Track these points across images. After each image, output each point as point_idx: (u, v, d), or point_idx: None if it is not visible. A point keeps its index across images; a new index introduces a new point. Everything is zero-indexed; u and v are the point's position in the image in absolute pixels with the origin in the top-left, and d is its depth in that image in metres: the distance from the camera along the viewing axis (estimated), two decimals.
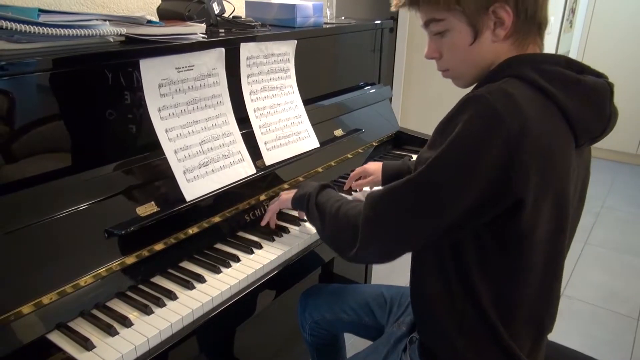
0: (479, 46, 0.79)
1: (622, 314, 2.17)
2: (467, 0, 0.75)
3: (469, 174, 0.70)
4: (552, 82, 0.74)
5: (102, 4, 1.29)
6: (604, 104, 0.79)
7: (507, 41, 0.79)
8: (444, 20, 0.78)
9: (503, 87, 0.72)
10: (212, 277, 0.98)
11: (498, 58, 0.79)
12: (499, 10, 0.75)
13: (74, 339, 0.80)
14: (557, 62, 0.77)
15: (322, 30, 1.50)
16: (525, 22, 0.77)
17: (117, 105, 0.98)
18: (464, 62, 0.82)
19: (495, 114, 0.68)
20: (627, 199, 3.34)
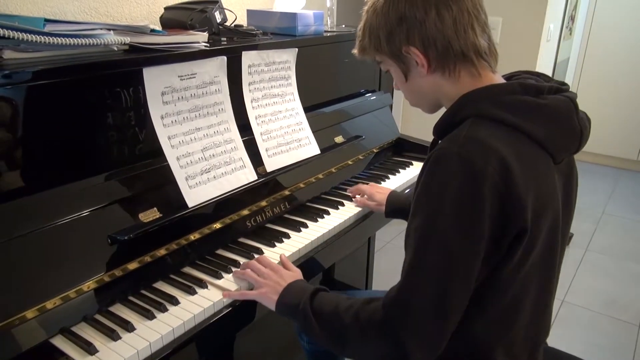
0: (413, 82, 0.85)
1: (623, 320, 2.17)
2: (383, 47, 0.83)
3: (472, 230, 0.70)
4: (512, 112, 0.75)
5: (106, 13, 1.31)
6: (571, 121, 0.78)
7: (435, 75, 0.82)
8: (382, 62, 0.88)
9: (469, 134, 0.73)
10: (214, 282, 0.99)
11: (438, 89, 0.83)
12: (410, 52, 0.80)
13: (77, 343, 0.81)
14: (512, 90, 0.77)
15: (323, 38, 1.52)
16: (440, 56, 0.79)
17: (120, 113, 1.00)
18: (411, 94, 0.89)
19: (473, 167, 0.69)
20: (628, 205, 3.34)
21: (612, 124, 3.72)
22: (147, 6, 1.40)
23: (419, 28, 0.77)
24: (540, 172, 0.75)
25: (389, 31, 0.80)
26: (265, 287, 0.94)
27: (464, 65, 0.80)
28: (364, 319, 0.78)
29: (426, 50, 0.79)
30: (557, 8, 2.79)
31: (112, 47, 1.00)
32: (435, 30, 0.77)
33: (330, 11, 1.77)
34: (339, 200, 1.36)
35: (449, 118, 0.81)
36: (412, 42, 0.79)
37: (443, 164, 0.72)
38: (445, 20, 0.76)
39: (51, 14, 1.19)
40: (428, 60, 0.80)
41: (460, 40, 0.78)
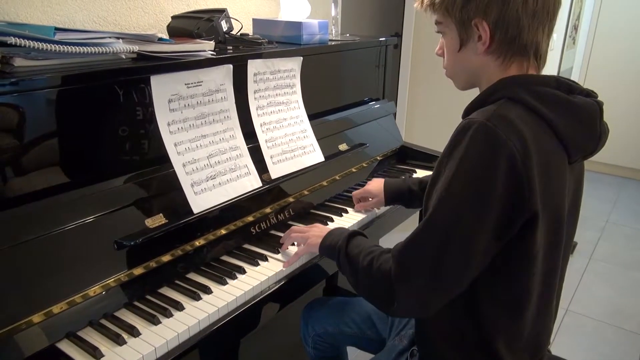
0: (465, 54, 0.84)
1: (628, 329, 2.16)
2: (455, 10, 0.81)
3: (484, 201, 0.72)
4: (543, 102, 0.77)
5: (114, 21, 1.33)
6: (594, 123, 0.81)
7: (489, 56, 0.82)
8: (442, 23, 0.86)
9: (499, 111, 0.74)
10: (218, 288, 0.99)
11: (484, 71, 0.84)
12: (479, 25, 0.79)
13: (83, 347, 0.82)
14: (547, 83, 0.79)
15: (327, 47, 1.53)
16: (505, 41, 0.79)
17: (128, 120, 1.01)
18: (455, 66, 0.88)
19: (496, 139, 0.71)
20: (632, 214, 3.33)
21: (616, 133, 3.69)
22: (154, 15, 1.42)
23: (501, 6, 0.77)
24: (554, 166, 0.76)
25: None
26: (311, 236, 1.06)
27: (518, 58, 0.81)
28: (375, 265, 0.84)
29: (495, 30, 0.78)
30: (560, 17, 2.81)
31: (120, 56, 1.02)
32: (515, 15, 0.77)
33: (334, 20, 1.79)
34: (342, 208, 1.37)
35: (483, 98, 0.82)
36: (488, 16, 0.78)
37: (469, 131, 0.73)
38: (528, 9, 0.76)
39: (60, 22, 1.21)
40: (492, 40, 0.79)
41: (530, 35, 0.78)
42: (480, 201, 0.72)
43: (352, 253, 0.92)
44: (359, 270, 0.88)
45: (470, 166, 0.72)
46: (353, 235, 0.97)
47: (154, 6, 1.41)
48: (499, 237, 0.74)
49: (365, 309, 1.23)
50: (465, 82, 0.90)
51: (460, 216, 0.73)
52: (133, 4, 1.36)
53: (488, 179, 0.71)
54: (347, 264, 0.92)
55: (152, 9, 1.41)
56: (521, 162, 0.70)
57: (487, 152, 0.71)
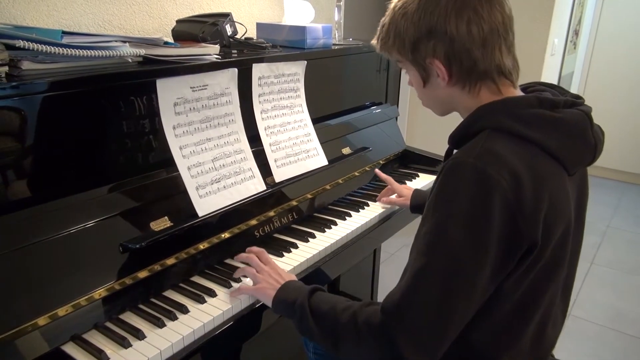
0: (431, 89, 0.86)
1: (630, 334, 2.16)
2: (407, 52, 0.83)
3: (481, 242, 0.71)
4: (529, 125, 0.75)
5: (119, 25, 1.33)
6: (586, 134, 0.79)
7: (454, 87, 0.82)
8: (402, 62, 0.88)
9: (485, 146, 0.73)
10: (222, 292, 0.99)
11: (455, 100, 0.84)
12: (432, 64, 0.80)
13: (89, 350, 0.82)
14: (529, 104, 0.77)
15: (331, 51, 1.54)
16: (463, 72, 0.79)
17: (134, 123, 1.01)
18: (426, 98, 0.90)
19: (487, 177, 0.70)
20: (634, 219, 3.33)
21: (617, 138, 3.73)
22: (159, 19, 1.43)
23: (448, 43, 0.77)
24: (553, 185, 0.75)
25: (415, 40, 0.80)
26: (264, 282, 0.96)
27: (485, 83, 0.80)
28: (361, 320, 0.78)
29: (450, 65, 0.79)
30: (561, 22, 2.82)
31: (126, 59, 1.02)
32: (463, 48, 0.77)
33: (338, 24, 1.79)
34: (346, 211, 1.37)
35: (465, 129, 0.81)
36: (438, 55, 0.79)
37: (458, 173, 0.73)
38: (475, 39, 0.76)
39: (66, 26, 1.21)
40: (450, 75, 0.80)
41: (486, 61, 0.78)
42: (479, 242, 0.71)
43: (321, 310, 0.84)
44: (339, 328, 0.80)
45: (464, 208, 0.71)
46: (314, 290, 0.89)
47: (158, 10, 1.42)
48: (499, 272, 0.74)
49: None
50: (442, 111, 0.90)
51: (460, 260, 0.71)
52: (138, 8, 1.37)
53: (484, 219, 0.70)
54: (313, 324, 0.84)
55: (157, 13, 1.42)
56: (514, 197, 0.69)
57: (479, 192, 0.70)
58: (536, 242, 0.73)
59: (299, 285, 0.93)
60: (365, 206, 1.42)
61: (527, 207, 0.71)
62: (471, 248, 0.71)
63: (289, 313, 0.89)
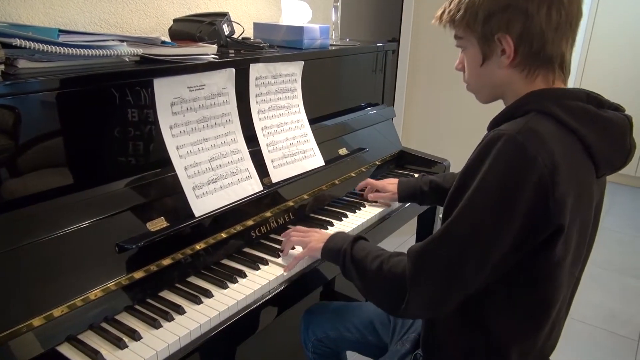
0: (488, 69, 0.83)
1: (622, 335, 2.17)
2: (476, 26, 0.81)
3: (505, 214, 0.71)
4: (574, 116, 0.76)
5: (116, 24, 1.33)
6: (624, 138, 0.81)
7: (513, 70, 0.81)
8: (462, 38, 0.85)
9: (529, 124, 0.74)
10: (219, 292, 0.99)
11: (508, 84, 0.83)
12: (502, 40, 0.79)
13: (84, 351, 0.82)
14: (578, 97, 0.78)
15: (328, 52, 1.54)
16: (530, 54, 0.79)
17: (130, 123, 1.01)
18: (477, 80, 0.88)
19: (525, 153, 0.70)
20: (626, 220, 3.36)
21: None
22: (156, 18, 1.42)
23: (524, 21, 0.76)
24: (583, 179, 0.76)
25: (490, 13, 0.78)
26: (312, 241, 1.06)
27: (544, 71, 0.80)
28: (386, 267, 0.85)
29: (519, 44, 0.78)
30: None
31: (124, 58, 1.02)
32: (539, 29, 0.76)
33: (334, 25, 1.80)
34: (342, 212, 1.37)
35: (511, 111, 0.81)
36: (511, 31, 0.78)
37: (498, 143, 0.73)
38: (551, 23, 0.76)
39: (63, 24, 1.21)
40: (516, 54, 0.79)
41: (554, 47, 0.78)
42: (503, 216, 0.72)
43: (358, 256, 0.92)
44: (367, 273, 0.89)
45: (497, 180, 0.72)
46: (357, 239, 0.98)
47: (155, 9, 1.41)
48: (519, 248, 0.74)
49: (366, 314, 1.23)
50: (489, 96, 0.88)
51: (480, 228, 0.73)
52: (135, 6, 1.36)
53: (514, 193, 0.71)
54: (352, 268, 0.93)
55: (154, 12, 1.41)
56: (549, 178, 0.70)
57: (515, 166, 0.71)
58: (562, 226, 0.72)
59: (345, 235, 1.02)
60: (361, 207, 1.42)
61: (559, 191, 0.71)
62: (495, 219, 0.72)
63: (335, 259, 0.99)
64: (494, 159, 0.72)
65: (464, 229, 0.75)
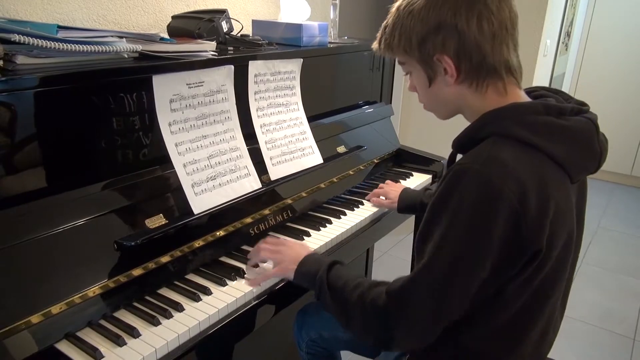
0: (437, 89, 0.84)
1: (619, 333, 2.19)
2: (412, 50, 0.81)
3: (481, 249, 0.72)
4: (535, 133, 0.75)
5: (114, 20, 1.32)
6: (592, 142, 0.79)
7: (462, 86, 0.81)
8: (404, 63, 0.86)
9: (491, 153, 0.73)
10: (217, 290, 0.99)
11: (461, 99, 0.83)
12: (441, 60, 0.79)
13: (83, 348, 0.81)
14: (535, 110, 0.77)
15: (327, 49, 1.54)
16: (472, 69, 0.78)
17: (129, 119, 1.00)
18: (430, 100, 0.88)
19: (492, 186, 0.70)
20: (622, 219, 3.37)
21: None
22: (154, 14, 1.42)
23: (457, 38, 0.76)
24: (559, 194, 0.75)
25: (423, 36, 0.79)
26: (284, 261, 1.00)
27: (492, 81, 0.80)
28: (367, 300, 0.83)
29: (459, 61, 0.78)
30: (554, 23, 2.84)
31: (122, 55, 1.01)
32: (474, 43, 0.76)
33: (333, 23, 1.79)
34: (340, 210, 1.37)
35: (471, 134, 0.81)
36: (447, 50, 0.78)
37: (463, 180, 0.72)
38: (485, 34, 0.76)
39: (61, 20, 1.20)
40: (458, 71, 0.79)
41: (495, 56, 0.78)
42: (479, 249, 0.72)
43: (335, 285, 0.89)
44: (347, 305, 0.86)
45: (467, 216, 0.72)
46: (332, 264, 0.94)
47: (153, 5, 1.41)
48: (499, 275, 0.75)
49: None
50: (446, 113, 0.89)
51: (458, 262, 0.73)
52: (133, 3, 1.35)
53: (486, 226, 0.70)
54: (329, 298, 0.89)
55: (152, 9, 1.41)
56: (519, 206, 0.69)
57: (483, 200, 0.70)
58: (540, 249, 0.73)
59: (317, 258, 0.98)
60: (359, 205, 1.42)
61: (532, 216, 0.71)
62: (473, 252, 0.72)
63: (310, 285, 0.95)
64: (460, 195, 0.72)
65: (443, 264, 0.74)
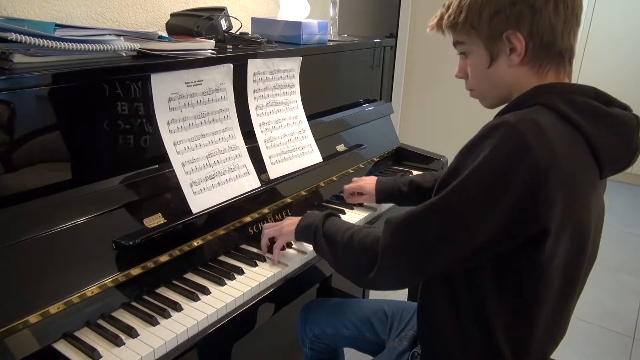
0: (496, 70, 0.81)
1: (618, 332, 2.19)
2: (482, 26, 0.79)
3: (493, 202, 0.70)
4: (581, 113, 0.74)
5: (112, 18, 1.31)
6: (632, 137, 0.78)
7: (524, 67, 0.79)
8: (464, 43, 0.83)
9: (532, 116, 0.72)
10: (216, 289, 0.99)
11: (517, 83, 0.81)
12: (512, 37, 0.77)
13: (81, 348, 0.81)
14: (586, 93, 0.76)
15: (326, 47, 1.53)
16: (540, 50, 0.77)
17: (127, 118, 1.00)
18: (484, 84, 0.85)
19: (524, 143, 0.68)
20: (622, 217, 3.37)
21: None
22: (153, 12, 1.41)
23: (533, 16, 0.75)
24: (581, 181, 0.74)
25: (496, 10, 0.76)
26: (285, 226, 1.08)
27: (554, 66, 0.79)
28: (356, 237, 0.87)
29: (529, 40, 0.76)
30: None
31: (120, 53, 1.01)
32: (548, 23, 0.75)
33: (333, 21, 1.79)
34: (340, 209, 1.37)
35: (516, 103, 0.79)
36: (520, 27, 0.76)
37: (497, 131, 0.71)
38: (559, 17, 0.75)
39: (58, 18, 1.19)
40: (526, 51, 0.77)
41: (564, 40, 0.77)
42: (490, 202, 0.70)
43: (329, 231, 0.95)
44: (337, 245, 0.91)
45: (490, 166, 0.70)
46: (329, 215, 1.01)
47: (152, 3, 1.40)
48: (501, 242, 0.73)
49: (364, 310, 1.23)
50: (497, 99, 0.86)
51: (465, 210, 0.72)
52: (131, 0, 1.35)
53: (504, 183, 0.69)
54: (323, 242, 0.95)
55: (151, 6, 1.40)
56: (543, 174, 0.67)
57: (511, 156, 0.68)
58: (547, 228, 0.70)
59: (317, 213, 1.04)
60: (359, 204, 1.42)
61: (551, 189, 0.68)
62: (482, 204, 0.71)
63: (307, 236, 1.01)
64: (492, 147, 0.70)
65: (450, 207, 0.73)
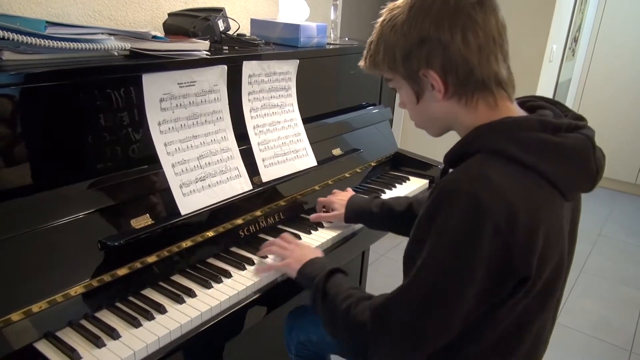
0: (425, 105, 0.82)
1: (615, 344, 2.16)
2: (398, 66, 0.79)
3: (466, 268, 0.69)
4: (529, 151, 0.72)
5: (110, 16, 1.31)
6: (588, 162, 0.76)
7: (450, 101, 0.78)
8: (391, 80, 0.84)
9: (480, 171, 0.71)
10: (202, 292, 0.98)
11: (450, 116, 0.81)
12: (427, 75, 0.76)
13: (61, 349, 0.81)
14: (530, 126, 0.74)
15: (325, 50, 1.52)
16: (460, 83, 0.76)
17: (118, 118, 0.99)
18: (420, 117, 0.86)
19: (479, 206, 0.67)
20: (625, 228, 3.34)
21: (611, 147, 3.71)
22: (151, 11, 1.41)
23: (442, 52, 0.74)
24: (550, 216, 0.72)
25: (407, 51, 0.76)
26: (291, 258, 1.03)
27: (482, 94, 0.77)
28: (352, 312, 0.83)
29: (446, 76, 0.75)
30: (561, 29, 2.81)
31: (112, 52, 1.00)
32: (459, 56, 0.73)
33: (334, 24, 1.78)
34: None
35: (462, 148, 0.78)
36: (432, 65, 0.75)
37: (450, 198, 0.70)
38: (470, 46, 0.73)
39: (55, 15, 1.19)
40: (446, 86, 0.76)
41: (482, 69, 0.74)
42: (464, 269, 0.69)
43: (330, 292, 0.89)
44: (334, 314, 0.87)
45: (452, 234, 0.69)
46: (333, 272, 0.94)
47: (150, 2, 1.40)
48: (487, 299, 0.72)
49: None
50: (438, 130, 0.86)
51: (441, 284, 0.71)
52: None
53: (470, 247, 0.68)
54: (321, 303, 0.90)
55: (149, 5, 1.40)
56: (506, 229, 0.67)
57: (469, 221, 0.68)
58: (529, 274, 0.70)
59: (323, 263, 1.00)
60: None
61: (520, 239, 0.68)
62: (456, 273, 0.70)
63: (308, 287, 0.97)
64: (447, 213, 0.70)
65: (426, 284, 0.72)
